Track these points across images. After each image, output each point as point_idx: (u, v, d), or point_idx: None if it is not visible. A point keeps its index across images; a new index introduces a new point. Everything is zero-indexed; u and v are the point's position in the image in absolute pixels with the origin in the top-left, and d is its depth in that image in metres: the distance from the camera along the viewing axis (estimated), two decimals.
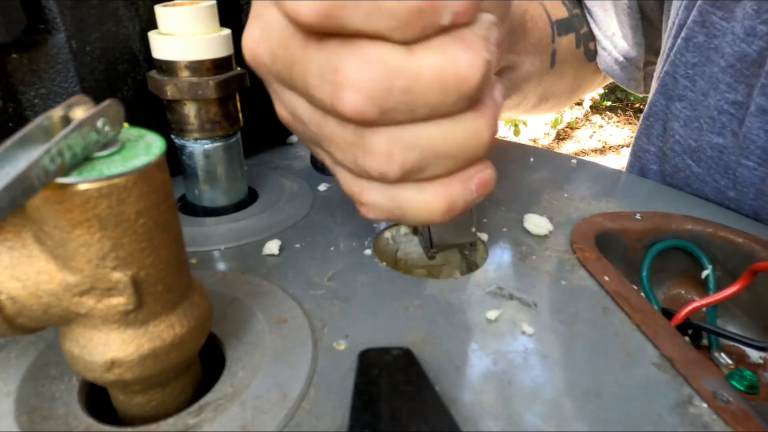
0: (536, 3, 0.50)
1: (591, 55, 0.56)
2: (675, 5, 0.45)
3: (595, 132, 2.76)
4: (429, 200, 0.21)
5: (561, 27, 0.52)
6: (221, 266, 0.29)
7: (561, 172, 0.43)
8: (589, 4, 0.54)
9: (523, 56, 0.46)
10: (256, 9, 0.20)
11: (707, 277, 0.34)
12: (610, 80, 0.60)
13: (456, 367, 0.22)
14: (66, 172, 0.15)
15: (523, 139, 2.59)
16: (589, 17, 0.55)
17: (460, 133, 0.19)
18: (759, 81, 0.36)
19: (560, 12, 0.52)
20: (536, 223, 0.33)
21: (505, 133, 2.51)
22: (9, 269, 0.16)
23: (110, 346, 0.17)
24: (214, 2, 0.31)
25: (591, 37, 0.55)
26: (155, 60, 0.31)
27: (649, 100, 0.48)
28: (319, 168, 0.41)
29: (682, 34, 0.42)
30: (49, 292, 0.16)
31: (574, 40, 0.53)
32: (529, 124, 2.67)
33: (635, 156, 0.50)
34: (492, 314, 0.26)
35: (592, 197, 0.39)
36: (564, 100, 0.60)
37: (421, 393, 0.19)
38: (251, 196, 0.38)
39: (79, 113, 0.16)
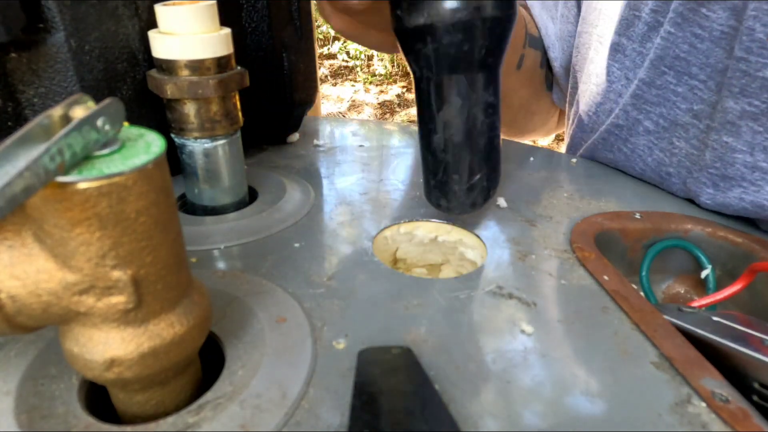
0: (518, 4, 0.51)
1: (549, 84, 0.57)
2: None
3: None
4: None
5: (532, 40, 0.53)
6: (221, 265, 0.29)
7: (561, 171, 0.43)
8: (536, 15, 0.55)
9: None
10: None
11: (707, 276, 0.34)
12: (562, 129, 0.61)
13: (455, 367, 0.22)
14: (66, 171, 0.15)
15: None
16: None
17: None
18: None
19: (534, 30, 0.54)
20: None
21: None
22: (9, 268, 0.16)
23: (110, 345, 0.17)
24: (214, 1, 0.31)
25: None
26: (155, 59, 0.31)
27: None
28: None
29: None
30: (48, 290, 0.16)
31: (540, 58, 0.55)
32: None
33: None
34: (491, 313, 0.26)
35: (592, 197, 0.39)
36: (517, 116, 0.59)
37: (420, 392, 0.19)
38: (251, 196, 0.38)
39: (79, 112, 0.16)
